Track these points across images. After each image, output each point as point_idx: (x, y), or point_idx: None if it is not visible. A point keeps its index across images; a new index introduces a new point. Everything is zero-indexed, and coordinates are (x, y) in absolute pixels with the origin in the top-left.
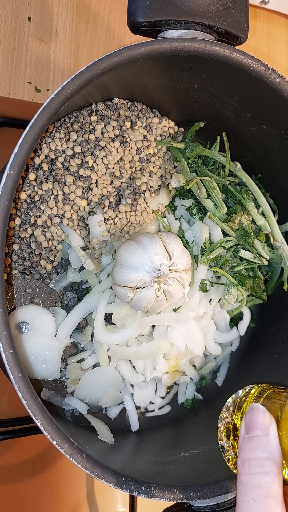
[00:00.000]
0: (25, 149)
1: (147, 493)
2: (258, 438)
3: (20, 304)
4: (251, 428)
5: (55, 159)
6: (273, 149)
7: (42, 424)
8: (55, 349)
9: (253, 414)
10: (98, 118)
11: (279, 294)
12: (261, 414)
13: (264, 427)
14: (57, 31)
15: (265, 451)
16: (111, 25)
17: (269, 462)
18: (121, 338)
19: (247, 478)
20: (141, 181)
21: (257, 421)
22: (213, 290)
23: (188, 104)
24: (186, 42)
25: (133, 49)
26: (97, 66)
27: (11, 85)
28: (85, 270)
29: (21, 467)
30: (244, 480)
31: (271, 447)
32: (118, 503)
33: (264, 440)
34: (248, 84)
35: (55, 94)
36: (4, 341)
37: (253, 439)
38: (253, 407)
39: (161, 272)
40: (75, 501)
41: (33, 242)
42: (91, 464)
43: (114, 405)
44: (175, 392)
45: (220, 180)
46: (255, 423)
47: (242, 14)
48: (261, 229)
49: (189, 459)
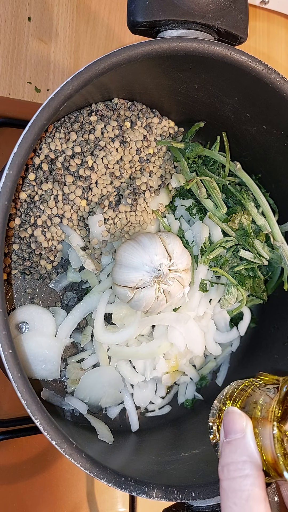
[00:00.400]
0: (24, 149)
1: (147, 493)
2: (235, 442)
3: (20, 304)
4: (229, 432)
5: (55, 159)
6: (273, 149)
7: (41, 424)
8: (55, 349)
9: (230, 418)
10: (98, 118)
11: (279, 294)
12: (237, 417)
13: (241, 430)
14: (57, 31)
15: (243, 454)
16: (111, 25)
17: (248, 465)
18: (121, 338)
19: (227, 483)
20: (141, 181)
21: (233, 424)
22: (213, 290)
23: (188, 104)
24: (186, 42)
25: (133, 49)
26: (96, 66)
27: (11, 85)
28: (85, 270)
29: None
30: (224, 486)
31: (248, 449)
32: (118, 503)
33: (242, 443)
34: (248, 84)
35: (54, 94)
36: (3, 341)
37: (231, 443)
38: (229, 411)
39: (161, 272)
40: (75, 501)
41: (33, 242)
42: (91, 464)
43: (114, 405)
44: (175, 392)
45: (220, 180)
46: (232, 427)
47: (242, 14)
48: (261, 229)
49: (189, 459)
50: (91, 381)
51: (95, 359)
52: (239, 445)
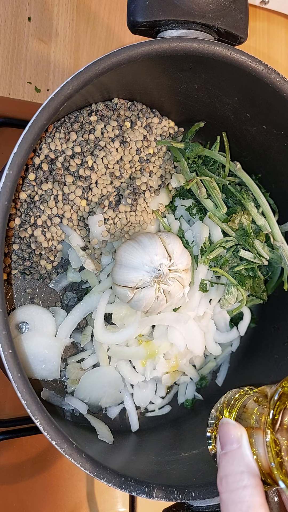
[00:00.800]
0: (24, 149)
1: (147, 493)
2: (231, 453)
3: (20, 304)
4: (225, 444)
5: (55, 159)
6: (273, 149)
7: (41, 424)
8: (55, 349)
9: (225, 430)
10: (98, 118)
11: (279, 294)
12: (231, 428)
13: (237, 441)
14: (57, 31)
15: (240, 464)
16: (111, 25)
17: (246, 475)
18: (121, 338)
19: (226, 495)
20: (141, 181)
21: (229, 436)
22: (213, 290)
23: (188, 104)
24: (186, 42)
25: (133, 49)
26: (96, 66)
27: (11, 85)
28: (85, 270)
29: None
30: (224, 498)
31: (245, 459)
32: (118, 503)
33: (238, 454)
34: (248, 84)
35: (54, 94)
36: (3, 341)
37: (227, 454)
38: (223, 422)
39: (160, 272)
40: (75, 501)
41: (33, 242)
42: (91, 464)
43: (114, 405)
44: (175, 392)
45: (220, 180)
46: (228, 438)
47: (242, 14)
48: (261, 229)
49: (189, 459)
50: (91, 381)
51: (95, 359)
52: (235, 456)
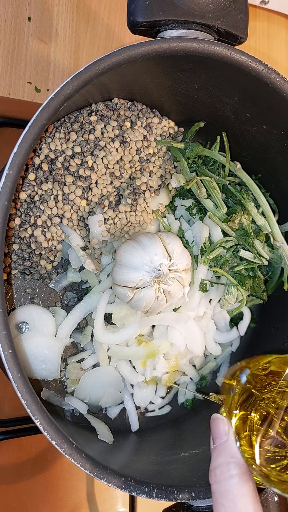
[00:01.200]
0: (24, 149)
1: (147, 493)
2: (220, 446)
3: (20, 304)
4: (215, 438)
5: (55, 159)
6: (273, 149)
7: (41, 424)
8: (55, 349)
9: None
10: (98, 118)
11: (279, 294)
12: (220, 423)
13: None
14: (57, 31)
15: (227, 455)
16: (111, 25)
17: (232, 465)
18: (121, 338)
19: (215, 486)
20: (141, 181)
21: (218, 430)
22: (213, 290)
23: (188, 104)
24: (186, 42)
25: (133, 49)
26: (96, 66)
27: (11, 85)
28: (85, 270)
29: (21, 467)
30: (213, 489)
31: (231, 450)
32: (118, 503)
33: (225, 446)
34: (248, 84)
35: (54, 94)
36: (3, 341)
37: (217, 448)
38: (213, 418)
39: (160, 272)
40: (75, 501)
41: (33, 242)
42: (91, 464)
43: (114, 405)
44: (175, 392)
45: (220, 180)
46: (218, 433)
47: (242, 14)
48: (261, 229)
49: (189, 459)
50: (91, 381)
51: (95, 359)
52: (223, 448)
